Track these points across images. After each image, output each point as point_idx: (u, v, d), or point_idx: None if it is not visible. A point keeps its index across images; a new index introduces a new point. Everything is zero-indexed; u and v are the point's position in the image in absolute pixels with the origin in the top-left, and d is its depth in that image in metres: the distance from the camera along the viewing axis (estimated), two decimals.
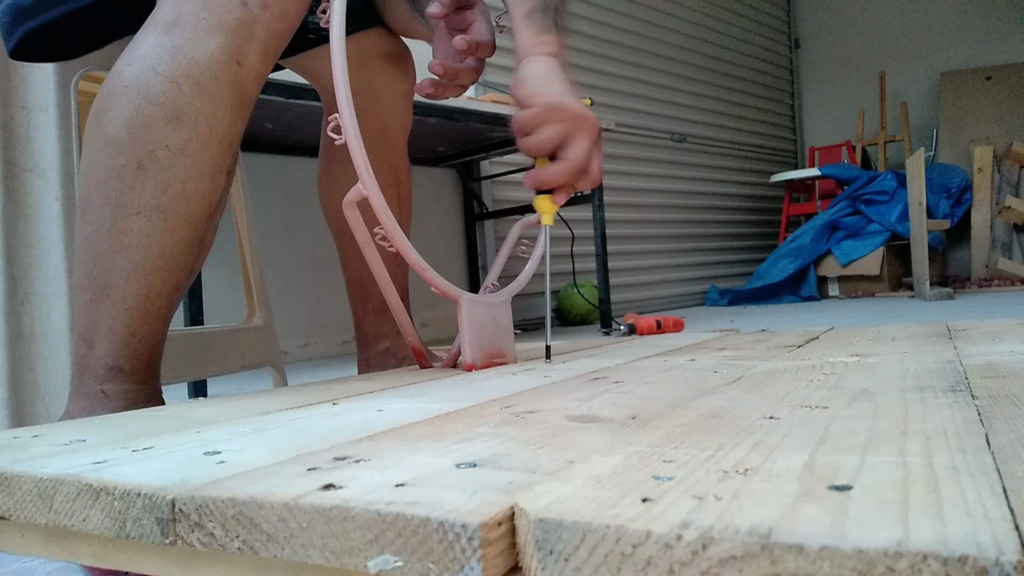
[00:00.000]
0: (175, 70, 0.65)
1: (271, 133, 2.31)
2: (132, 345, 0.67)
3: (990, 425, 0.38)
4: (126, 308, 0.66)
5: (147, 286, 0.66)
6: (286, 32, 0.71)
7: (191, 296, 1.64)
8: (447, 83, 0.86)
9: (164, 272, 0.67)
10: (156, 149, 0.65)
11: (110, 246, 0.65)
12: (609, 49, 4.02)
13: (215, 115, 0.66)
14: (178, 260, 0.68)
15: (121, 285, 0.65)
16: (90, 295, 0.66)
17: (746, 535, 0.22)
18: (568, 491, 0.28)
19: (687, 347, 0.94)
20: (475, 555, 0.25)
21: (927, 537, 0.21)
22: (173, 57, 0.65)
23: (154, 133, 0.65)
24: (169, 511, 0.31)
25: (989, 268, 4.40)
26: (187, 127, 0.65)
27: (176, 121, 0.65)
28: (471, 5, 0.86)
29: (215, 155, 0.67)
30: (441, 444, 0.38)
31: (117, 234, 0.65)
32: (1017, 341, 0.77)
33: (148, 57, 0.66)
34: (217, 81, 0.66)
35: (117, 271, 0.65)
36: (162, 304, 0.68)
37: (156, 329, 0.68)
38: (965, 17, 5.22)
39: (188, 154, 0.66)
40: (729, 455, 0.33)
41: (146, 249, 0.65)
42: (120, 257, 0.65)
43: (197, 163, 0.66)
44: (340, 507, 0.27)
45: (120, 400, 0.66)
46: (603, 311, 2.86)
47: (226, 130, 0.68)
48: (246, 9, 0.67)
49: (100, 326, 0.66)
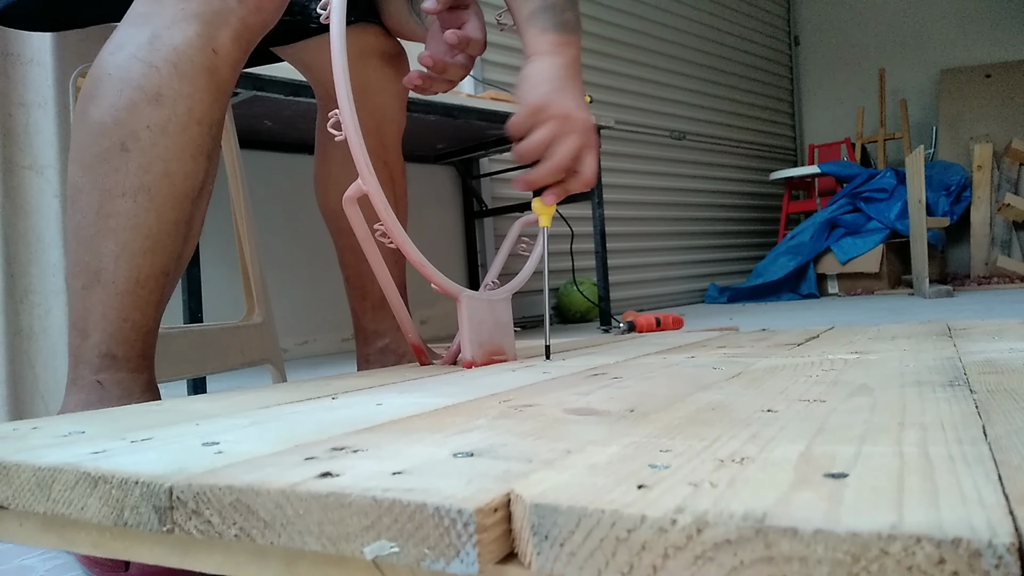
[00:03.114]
0: (154, 55, 0.68)
1: (270, 130, 2.31)
2: (124, 331, 0.68)
3: (987, 417, 0.38)
4: (116, 292, 0.67)
5: (136, 268, 0.68)
6: (260, 27, 0.74)
7: (191, 294, 1.64)
8: (435, 76, 0.86)
9: (152, 254, 0.68)
10: (138, 129, 0.67)
11: (99, 230, 0.67)
12: (608, 46, 4.01)
13: (193, 96, 0.69)
14: (165, 242, 0.69)
15: (111, 269, 0.67)
16: (82, 282, 0.68)
17: (741, 519, 0.22)
18: (564, 479, 0.28)
19: (687, 345, 0.94)
20: (471, 541, 0.25)
21: (921, 521, 0.21)
22: (152, 44, 0.69)
23: (135, 115, 0.67)
24: (167, 499, 0.31)
25: (988, 266, 4.40)
26: (166, 107, 0.68)
27: (156, 102, 0.68)
28: (466, 5, 0.86)
29: (195, 135, 0.70)
30: (439, 435, 0.38)
31: (105, 217, 0.67)
32: (1017, 339, 0.77)
33: (129, 45, 0.69)
34: (194, 64, 0.69)
35: (106, 255, 0.67)
36: (152, 288, 0.69)
37: (148, 315, 0.69)
38: (965, 14, 5.22)
39: (168, 134, 0.68)
40: (726, 445, 0.33)
41: (133, 230, 0.67)
42: (108, 240, 0.67)
43: (178, 143, 0.69)
44: (336, 494, 0.27)
45: (116, 389, 0.67)
46: (602, 309, 2.86)
47: (204, 112, 0.70)
48: (223, 2, 0.71)
49: (93, 313, 0.67)
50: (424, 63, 0.85)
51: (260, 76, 1.78)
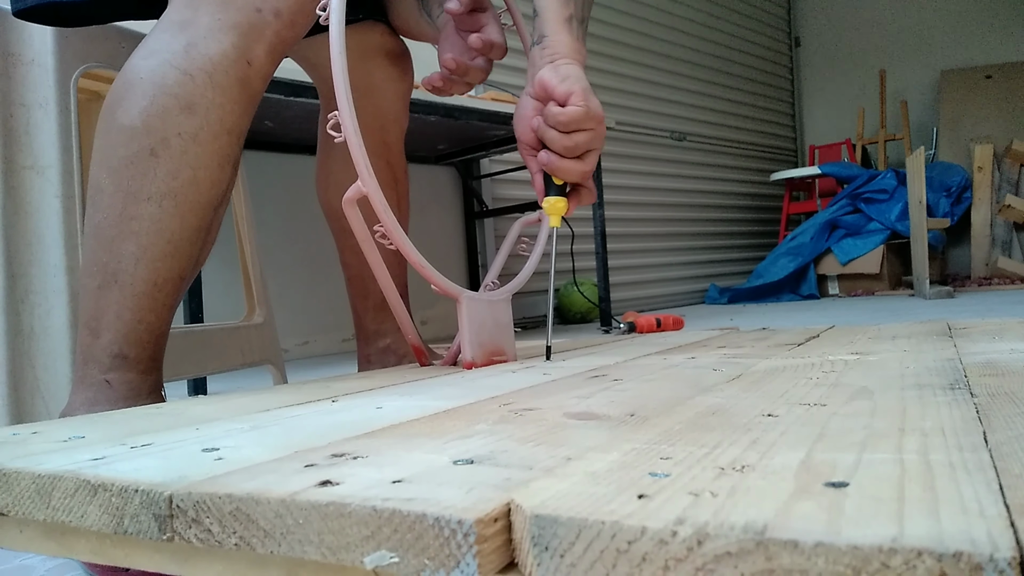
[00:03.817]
0: (189, 64, 0.69)
1: (271, 131, 2.31)
2: (138, 332, 0.68)
3: (988, 423, 0.38)
4: (134, 294, 0.68)
5: (155, 272, 0.68)
6: (293, 40, 0.75)
7: (191, 294, 1.64)
8: (456, 79, 0.87)
9: (172, 259, 0.69)
10: (169, 136, 0.68)
11: (120, 232, 0.68)
12: (609, 47, 4.01)
13: (225, 107, 0.70)
14: (185, 248, 0.70)
15: (130, 271, 0.68)
16: (98, 282, 0.68)
17: (741, 531, 0.22)
18: (564, 488, 0.28)
19: (687, 345, 0.94)
20: (471, 551, 0.25)
21: (922, 533, 0.21)
22: (187, 52, 0.69)
23: (167, 121, 0.68)
24: (166, 507, 0.31)
25: (989, 267, 4.40)
26: (199, 116, 0.69)
27: (189, 111, 0.68)
28: (484, 9, 0.86)
29: (224, 145, 0.71)
30: (439, 441, 0.38)
31: (128, 220, 0.68)
32: (1018, 339, 0.77)
33: (163, 52, 0.69)
34: (228, 76, 0.70)
35: (126, 257, 0.68)
36: (168, 292, 0.70)
37: (162, 318, 0.70)
38: (965, 15, 5.22)
39: (199, 142, 0.69)
40: (726, 452, 0.33)
41: (156, 235, 0.68)
42: (130, 242, 0.68)
43: (208, 151, 0.69)
44: (337, 503, 0.27)
45: (123, 389, 0.67)
46: (603, 309, 2.86)
47: (235, 122, 0.71)
48: (260, 15, 0.71)
49: (107, 313, 0.68)
50: (447, 65, 0.85)
51: None
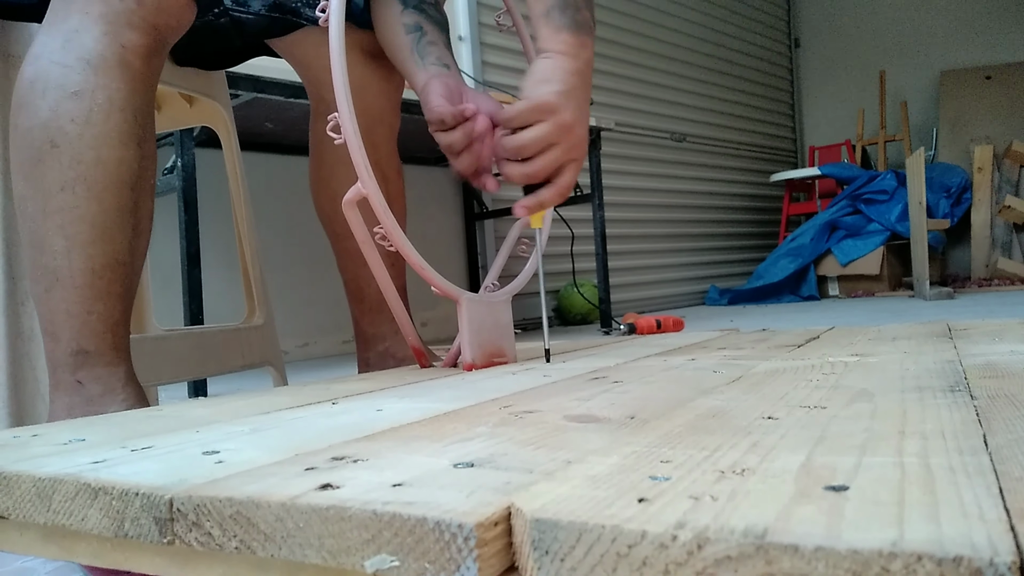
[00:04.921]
0: (67, 57, 0.72)
1: (270, 132, 2.31)
2: (91, 324, 0.69)
3: (988, 426, 0.38)
4: (75, 286, 0.69)
5: (89, 259, 0.70)
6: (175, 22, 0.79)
7: (191, 296, 1.64)
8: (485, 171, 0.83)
9: (102, 242, 0.71)
10: (63, 124, 0.70)
11: (47, 229, 0.70)
12: (609, 48, 4.01)
13: (110, 87, 0.72)
14: (112, 231, 0.71)
15: (66, 265, 0.69)
16: (44, 286, 0.70)
17: (741, 536, 0.22)
18: (565, 491, 0.28)
19: (687, 347, 0.94)
20: (471, 555, 0.25)
21: (922, 538, 0.21)
22: (64, 47, 0.72)
23: (59, 112, 0.71)
24: (167, 511, 0.31)
25: (989, 267, 4.40)
26: (86, 99, 0.71)
27: (76, 96, 0.71)
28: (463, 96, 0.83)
29: (120, 122, 0.73)
30: (439, 444, 0.38)
31: (50, 215, 0.70)
32: (1017, 341, 0.77)
33: (44, 53, 0.73)
34: (105, 60, 0.73)
35: (59, 252, 0.69)
36: (110, 279, 0.71)
37: (111, 306, 0.71)
38: (965, 16, 5.22)
39: (92, 123, 0.71)
40: (726, 455, 0.33)
41: (78, 222, 0.70)
42: (57, 237, 0.69)
43: (104, 130, 0.72)
44: (337, 507, 0.27)
45: (96, 386, 0.68)
46: (603, 310, 2.86)
47: (125, 100, 0.73)
48: (122, 4, 0.75)
49: (58, 313, 0.69)
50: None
51: (261, 78, 1.78)
